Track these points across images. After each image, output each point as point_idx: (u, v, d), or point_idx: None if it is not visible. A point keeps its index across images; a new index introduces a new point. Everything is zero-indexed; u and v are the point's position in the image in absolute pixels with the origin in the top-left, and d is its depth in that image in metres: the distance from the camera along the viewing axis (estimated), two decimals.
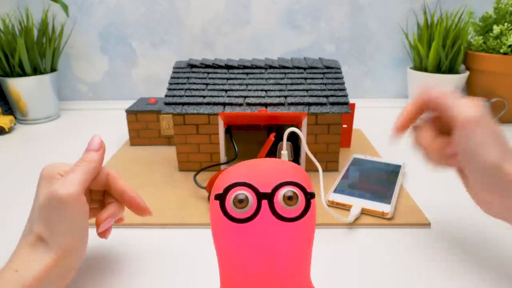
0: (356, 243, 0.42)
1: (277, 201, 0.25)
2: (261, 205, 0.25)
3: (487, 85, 0.81)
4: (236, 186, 0.25)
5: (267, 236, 0.25)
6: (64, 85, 1.02)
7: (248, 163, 0.28)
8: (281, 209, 0.25)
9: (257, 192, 0.25)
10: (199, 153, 0.58)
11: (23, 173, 0.61)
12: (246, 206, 0.25)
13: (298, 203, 0.25)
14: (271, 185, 0.25)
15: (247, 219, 0.25)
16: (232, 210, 0.25)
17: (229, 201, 0.25)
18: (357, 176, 0.55)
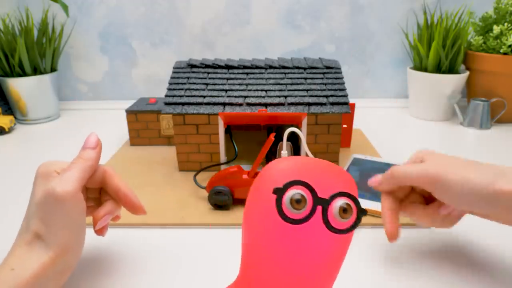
0: (356, 243, 0.42)
1: (331, 210, 0.24)
2: (316, 211, 0.24)
3: (487, 85, 0.81)
4: (295, 185, 0.24)
5: (312, 243, 0.24)
6: (64, 85, 1.02)
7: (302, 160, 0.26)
8: (334, 220, 0.24)
9: (315, 195, 0.24)
10: (199, 153, 0.58)
11: (23, 173, 0.61)
12: (302, 208, 0.24)
13: (351, 217, 0.24)
14: (329, 192, 0.24)
15: (299, 221, 0.24)
16: (287, 209, 0.24)
17: (286, 199, 0.24)
18: (357, 176, 0.55)
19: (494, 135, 0.75)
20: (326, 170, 0.26)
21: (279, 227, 0.24)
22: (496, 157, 0.65)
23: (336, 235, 0.24)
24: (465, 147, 0.70)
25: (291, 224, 0.24)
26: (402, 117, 0.89)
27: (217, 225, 0.46)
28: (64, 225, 0.31)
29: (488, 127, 0.79)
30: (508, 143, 0.71)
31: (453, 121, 0.84)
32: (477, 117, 0.79)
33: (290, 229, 0.24)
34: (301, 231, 0.24)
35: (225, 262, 0.39)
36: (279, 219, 0.24)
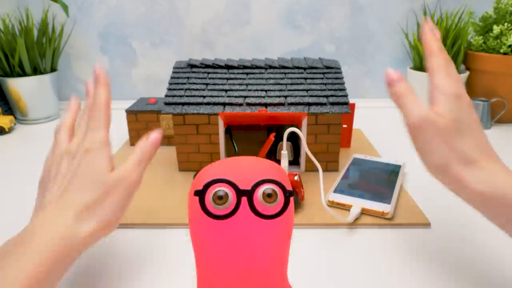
0: (356, 243, 0.42)
1: (256, 198, 0.25)
2: (241, 202, 0.25)
3: (487, 85, 0.81)
4: (216, 183, 0.25)
5: (246, 233, 0.25)
6: (64, 85, 1.02)
7: (228, 161, 0.28)
8: (260, 206, 0.25)
9: (237, 189, 0.25)
10: (199, 153, 0.58)
11: (23, 173, 0.61)
12: (226, 203, 0.25)
13: (278, 200, 0.25)
14: (250, 183, 0.25)
15: (226, 216, 0.25)
16: (212, 206, 0.25)
17: (208, 198, 0.25)
18: (357, 176, 0.55)
19: (494, 135, 0.75)
20: (249, 165, 0.27)
21: (211, 225, 0.25)
22: None
23: (268, 220, 0.25)
24: None
25: (221, 220, 0.25)
26: (402, 117, 0.88)
27: None
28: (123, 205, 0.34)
29: (488, 127, 0.79)
30: (508, 143, 0.71)
31: None
32: None
33: (223, 225, 0.25)
34: (234, 224, 0.25)
35: None
36: (209, 219, 0.25)
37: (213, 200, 0.25)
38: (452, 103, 0.36)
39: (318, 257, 0.40)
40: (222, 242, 0.25)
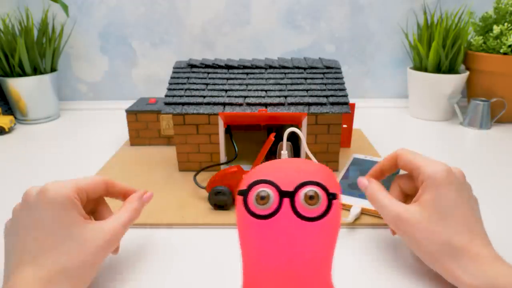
0: (356, 243, 0.42)
1: (298, 200, 0.26)
2: (283, 203, 0.26)
3: (487, 85, 0.81)
4: (259, 183, 0.26)
5: (288, 234, 0.25)
6: (64, 85, 1.02)
7: (274, 163, 0.28)
8: (302, 208, 0.25)
9: (279, 189, 0.26)
10: (199, 153, 0.58)
11: (23, 173, 0.61)
12: (268, 203, 0.25)
13: (320, 202, 0.25)
14: (293, 184, 0.26)
15: (268, 216, 0.25)
16: (254, 206, 0.26)
17: (251, 197, 0.26)
18: (357, 176, 0.55)
19: (494, 135, 0.75)
20: (292, 166, 0.28)
21: (253, 224, 0.26)
22: (496, 157, 0.65)
23: (311, 223, 0.26)
24: (465, 147, 0.70)
25: (263, 220, 0.25)
26: (402, 117, 0.89)
27: (217, 225, 0.46)
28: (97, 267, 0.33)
29: (488, 127, 0.79)
30: (508, 143, 0.71)
31: (453, 121, 0.84)
32: (477, 117, 0.79)
33: (265, 225, 0.26)
34: (276, 225, 0.26)
35: (225, 262, 0.39)
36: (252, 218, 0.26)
37: (255, 200, 0.26)
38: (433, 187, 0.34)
39: None
40: (264, 241, 0.26)
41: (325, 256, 0.27)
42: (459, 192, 0.34)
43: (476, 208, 0.35)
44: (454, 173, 0.35)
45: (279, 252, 0.25)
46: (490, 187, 0.55)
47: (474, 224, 0.34)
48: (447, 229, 0.33)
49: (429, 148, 0.70)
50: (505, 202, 0.51)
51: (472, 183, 0.57)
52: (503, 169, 0.60)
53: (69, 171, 0.61)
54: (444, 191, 0.34)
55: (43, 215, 0.31)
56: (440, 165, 0.35)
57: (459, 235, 0.32)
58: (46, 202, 0.31)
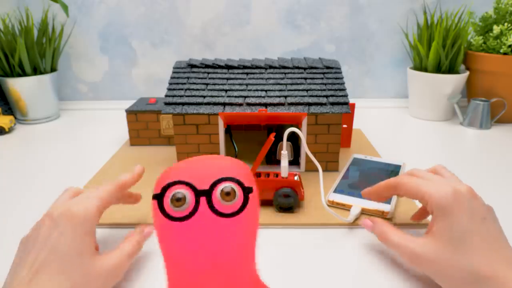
0: (356, 243, 0.42)
1: (215, 198, 0.25)
2: (200, 202, 0.25)
3: (487, 85, 0.81)
4: (173, 185, 0.25)
5: (207, 233, 0.25)
6: (64, 85, 1.02)
7: (187, 161, 0.28)
8: (219, 205, 0.25)
9: (195, 189, 0.25)
10: (199, 153, 0.58)
11: (23, 173, 0.61)
12: (184, 204, 0.25)
13: (236, 198, 0.25)
14: (209, 182, 0.25)
15: (186, 217, 0.25)
16: (170, 209, 0.25)
17: (167, 200, 0.25)
18: (357, 176, 0.55)
19: (494, 135, 0.75)
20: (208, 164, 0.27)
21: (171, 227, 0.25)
22: (496, 157, 0.65)
23: (229, 219, 0.25)
24: (465, 147, 0.70)
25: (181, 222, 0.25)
26: (402, 117, 0.89)
27: None
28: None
29: (488, 127, 0.79)
30: (508, 143, 0.71)
31: (453, 121, 0.84)
32: (477, 117, 0.79)
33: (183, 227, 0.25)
34: (195, 225, 0.25)
35: None
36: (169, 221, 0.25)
37: (171, 202, 0.25)
38: (442, 216, 0.33)
39: (318, 257, 0.40)
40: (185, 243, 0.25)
41: (247, 250, 0.27)
42: (471, 214, 0.32)
43: (493, 224, 0.33)
44: (461, 192, 0.33)
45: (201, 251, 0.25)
46: (490, 187, 0.55)
47: (495, 244, 0.31)
48: (467, 257, 0.30)
49: (429, 148, 0.70)
50: (505, 202, 0.51)
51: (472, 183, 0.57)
52: (503, 169, 0.60)
53: (69, 171, 0.61)
54: (455, 217, 0.32)
55: (61, 238, 0.30)
56: (444, 188, 0.33)
57: (481, 261, 0.30)
58: (68, 225, 0.31)
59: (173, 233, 0.25)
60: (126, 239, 0.37)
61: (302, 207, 0.48)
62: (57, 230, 0.31)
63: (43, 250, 0.30)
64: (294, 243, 0.42)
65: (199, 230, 0.25)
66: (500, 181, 0.56)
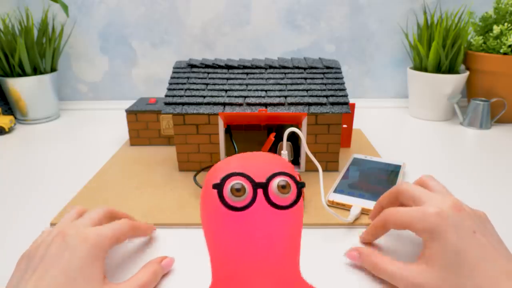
0: (356, 243, 0.42)
1: (271, 190, 0.26)
2: (257, 194, 0.26)
3: (487, 85, 0.81)
4: (232, 176, 0.26)
5: (263, 223, 0.26)
6: (64, 85, 1.02)
7: (241, 156, 0.29)
8: (275, 198, 0.26)
9: (253, 181, 0.26)
10: (199, 153, 0.58)
11: (23, 173, 0.61)
12: (243, 195, 0.26)
13: (291, 191, 0.27)
14: (265, 175, 0.27)
15: (244, 207, 0.26)
16: (230, 199, 0.26)
17: (226, 190, 0.26)
18: (357, 176, 0.55)
19: (494, 135, 0.75)
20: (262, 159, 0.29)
21: (230, 217, 0.26)
22: (496, 157, 0.65)
23: (283, 211, 0.26)
24: (465, 147, 0.70)
25: (239, 212, 0.26)
26: (402, 117, 0.89)
27: None
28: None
29: (488, 127, 0.79)
30: (508, 143, 0.71)
31: (453, 121, 0.84)
32: (477, 117, 0.79)
33: (241, 216, 0.26)
34: (252, 216, 0.26)
35: None
36: (227, 211, 0.26)
37: (231, 192, 0.26)
38: (431, 241, 0.32)
39: (318, 257, 0.40)
40: (240, 233, 0.26)
41: (296, 243, 0.28)
42: (459, 231, 0.31)
43: (485, 235, 0.31)
44: (445, 211, 0.32)
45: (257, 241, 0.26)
46: (490, 187, 0.55)
47: (491, 255, 0.30)
48: (465, 279, 0.29)
49: (429, 148, 0.70)
50: (505, 202, 0.51)
51: (472, 183, 0.57)
52: (503, 169, 0.60)
53: (69, 171, 0.61)
54: (443, 240, 0.31)
55: (72, 260, 0.30)
56: (426, 212, 0.33)
57: (481, 279, 0.29)
58: (80, 247, 0.30)
59: (230, 223, 0.26)
60: (142, 268, 0.35)
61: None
62: (69, 250, 0.30)
63: (53, 268, 0.29)
64: None
65: (256, 220, 0.26)
66: (500, 181, 0.56)
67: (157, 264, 0.36)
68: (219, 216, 0.26)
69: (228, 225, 0.26)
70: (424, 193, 0.36)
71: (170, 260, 0.38)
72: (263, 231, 0.26)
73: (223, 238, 0.27)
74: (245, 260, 0.26)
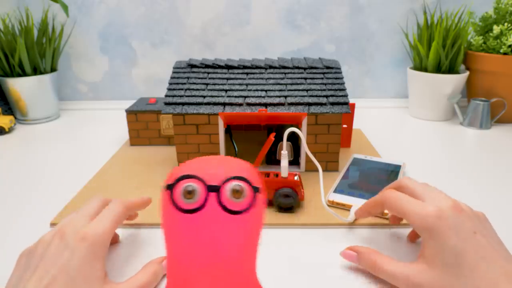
0: (356, 243, 0.42)
1: (224, 194, 0.26)
2: (209, 197, 0.26)
3: (487, 85, 0.81)
4: (185, 178, 0.26)
5: (214, 228, 0.26)
6: (64, 85, 1.02)
7: (200, 159, 0.29)
8: (228, 202, 0.26)
9: (206, 184, 0.26)
10: (199, 153, 0.58)
11: (23, 173, 0.61)
12: (194, 197, 0.26)
13: (245, 196, 0.26)
14: (219, 179, 0.26)
15: (195, 210, 0.26)
16: (181, 201, 0.26)
17: (178, 192, 0.26)
18: (357, 176, 0.55)
19: (494, 135, 0.75)
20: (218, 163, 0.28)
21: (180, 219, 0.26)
22: (496, 157, 0.65)
23: (236, 216, 0.26)
24: (465, 147, 0.70)
25: (189, 214, 0.26)
26: (402, 117, 0.89)
27: None
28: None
29: (488, 127, 0.79)
30: (508, 143, 0.71)
31: (453, 121, 0.84)
32: (477, 117, 0.79)
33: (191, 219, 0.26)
34: (202, 219, 0.26)
35: None
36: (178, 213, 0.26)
37: (182, 194, 0.26)
38: (430, 240, 0.32)
39: (318, 257, 0.40)
40: (190, 235, 0.26)
41: (250, 248, 0.27)
42: (459, 232, 0.31)
43: (485, 235, 0.31)
44: (445, 211, 0.32)
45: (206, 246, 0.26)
46: (490, 187, 0.55)
47: (492, 256, 0.30)
48: (465, 280, 0.29)
49: (429, 148, 0.70)
50: (505, 202, 0.51)
51: (472, 183, 0.57)
52: (503, 169, 0.60)
53: (69, 171, 0.61)
54: (443, 239, 0.31)
55: (72, 259, 0.30)
56: (427, 209, 0.33)
57: (481, 280, 0.29)
58: (79, 247, 0.30)
59: (180, 225, 0.26)
60: (143, 269, 0.35)
61: (302, 207, 0.48)
62: (68, 250, 0.30)
63: (53, 268, 0.29)
64: (294, 243, 0.42)
65: (206, 224, 0.26)
66: (500, 181, 0.56)
67: (157, 264, 0.36)
68: (171, 217, 0.26)
69: (178, 227, 0.26)
70: (426, 191, 0.36)
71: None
72: (213, 234, 0.26)
73: (175, 240, 0.27)
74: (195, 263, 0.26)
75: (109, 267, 0.39)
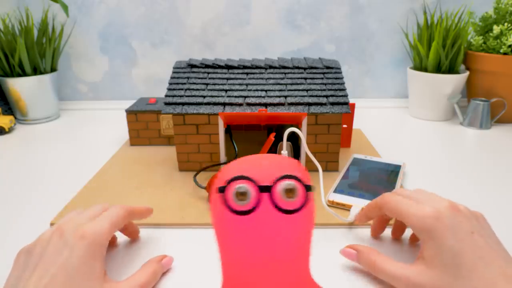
0: (356, 243, 0.42)
1: (277, 194, 0.26)
2: (262, 198, 0.26)
3: (487, 85, 0.81)
4: (237, 180, 0.26)
5: (268, 228, 0.26)
6: (64, 85, 1.02)
7: (249, 158, 0.29)
8: (281, 201, 0.26)
9: (257, 185, 0.26)
10: (199, 153, 0.58)
11: (23, 173, 0.61)
12: (247, 199, 0.26)
13: (297, 195, 0.26)
14: (271, 179, 0.26)
15: (248, 211, 0.26)
16: (234, 203, 0.26)
17: (230, 194, 0.26)
18: (357, 176, 0.55)
19: (494, 135, 0.75)
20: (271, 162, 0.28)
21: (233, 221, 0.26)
22: (496, 157, 0.65)
23: (290, 215, 0.26)
24: (465, 147, 0.70)
25: (243, 216, 0.26)
26: (402, 117, 0.89)
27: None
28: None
29: (488, 127, 0.79)
30: (508, 143, 0.71)
31: (453, 121, 0.84)
32: (477, 117, 0.79)
33: (245, 221, 0.26)
34: (256, 220, 0.26)
35: None
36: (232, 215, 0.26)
37: (235, 196, 0.26)
38: (428, 242, 0.32)
39: (318, 257, 0.40)
40: (245, 236, 0.26)
41: (303, 247, 0.27)
42: (457, 232, 0.31)
43: (483, 236, 0.31)
44: (442, 212, 0.32)
45: (261, 246, 0.26)
46: (490, 187, 0.55)
47: (490, 256, 0.30)
48: (463, 280, 0.29)
49: (429, 148, 0.70)
50: (505, 202, 0.51)
51: (472, 183, 0.57)
52: (503, 169, 0.60)
53: (69, 171, 0.61)
54: (441, 240, 0.31)
55: (71, 258, 0.29)
56: (424, 209, 0.33)
57: (479, 281, 0.29)
58: (78, 246, 0.30)
59: (234, 227, 0.26)
60: (142, 267, 0.35)
61: None
62: (67, 248, 0.30)
63: (53, 267, 0.29)
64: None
65: (261, 224, 0.26)
66: (500, 181, 0.56)
67: (156, 263, 0.36)
68: (224, 219, 0.26)
69: (233, 229, 0.26)
70: (421, 194, 0.36)
71: (170, 259, 0.38)
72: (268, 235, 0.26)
73: (230, 241, 0.27)
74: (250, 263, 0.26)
75: (109, 266, 0.39)
